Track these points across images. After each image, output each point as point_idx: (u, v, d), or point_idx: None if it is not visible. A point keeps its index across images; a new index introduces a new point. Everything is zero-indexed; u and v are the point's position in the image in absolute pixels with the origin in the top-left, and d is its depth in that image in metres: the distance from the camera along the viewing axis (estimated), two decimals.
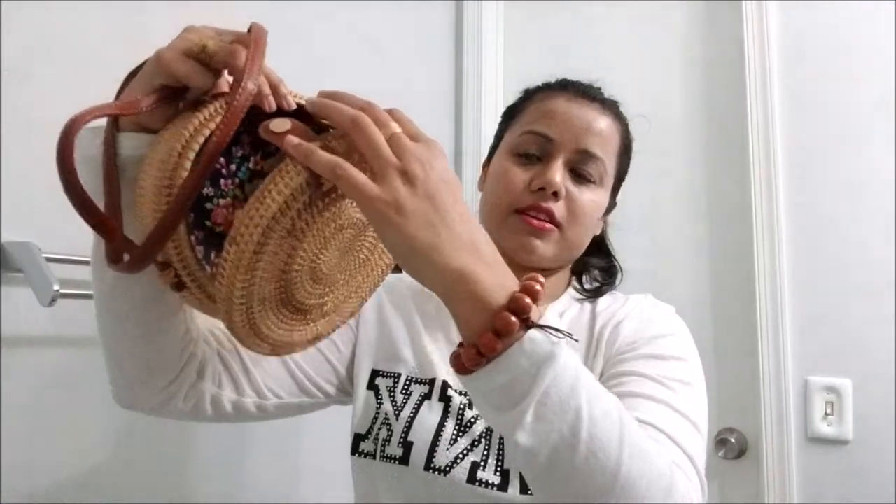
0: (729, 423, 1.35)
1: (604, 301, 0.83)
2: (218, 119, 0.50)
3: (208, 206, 0.53)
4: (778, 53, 1.38)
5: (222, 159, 0.53)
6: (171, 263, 0.52)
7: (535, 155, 0.78)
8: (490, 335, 0.45)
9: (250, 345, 0.53)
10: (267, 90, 0.54)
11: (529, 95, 0.86)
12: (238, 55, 0.51)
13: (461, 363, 0.48)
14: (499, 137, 0.87)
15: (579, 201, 0.77)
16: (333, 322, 0.60)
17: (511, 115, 0.86)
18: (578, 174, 0.78)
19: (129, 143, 0.55)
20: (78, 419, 0.86)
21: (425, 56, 1.57)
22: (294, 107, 0.55)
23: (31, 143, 0.82)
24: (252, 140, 0.55)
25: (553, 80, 0.86)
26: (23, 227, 0.80)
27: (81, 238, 0.88)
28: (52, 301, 0.75)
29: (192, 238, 0.52)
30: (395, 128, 0.49)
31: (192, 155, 0.50)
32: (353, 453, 0.77)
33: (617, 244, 0.93)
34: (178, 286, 0.53)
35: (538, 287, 0.47)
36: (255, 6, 1.11)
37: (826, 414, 1.27)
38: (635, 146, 0.88)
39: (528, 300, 0.46)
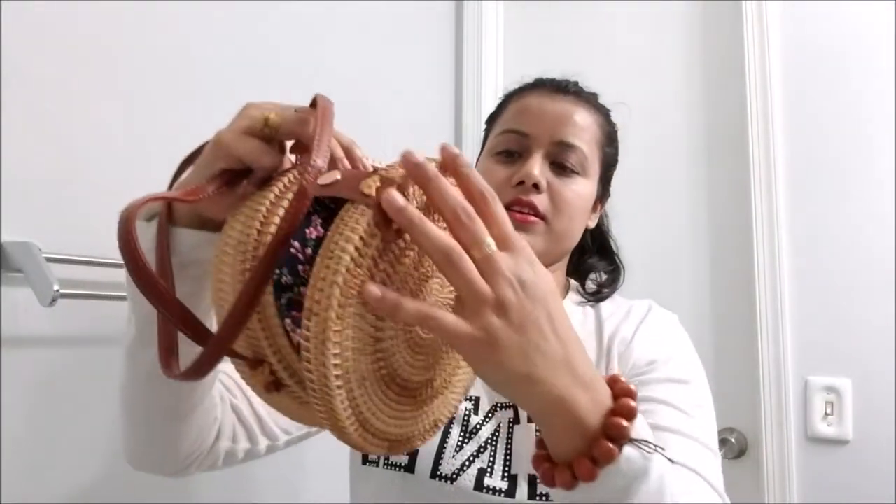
0: (729, 423, 1.35)
1: (607, 307, 0.82)
2: (290, 196, 0.45)
3: (290, 295, 0.46)
4: (778, 53, 1.38)
5: (296, 244, 0.45)
6: (266, 359, 0.44)
7: (515, 152, 0.79)
8: (588, 463, 0.44)
9: (365, 445, 0.44)
10: (340, 153, 0.51)
11: (506, 98, 0.87)
12: (306, 123, 0.48)
13: (551, 479, 0.47)
14: (483, 144, 0.88)
15: (562, 192, 0.77)
16: (449, 402, 0.51)
17: (492, 120, 0.87)
18: (559, 165, 0.78)
19: (189, 240, 0.52)
20: (78, 419, 0.86)
21: (425, 56, 1.57)
22: (370, 170, 0.47)
23: (31, 143, 0.82)
24: (325, 218, 0.47)
25: (528, 80, 0.86)
26: (23, 227, 0.80)
27: (81, 238, 0.88)
28: (52, 301, 0.75)
29: (286, 323, 0.44)
30: (489, 245, 0.42)
31: (268, 239, 0.45)
32: (363, 463, 0.77)
33: (616, 243, 0.93)
34: (276, 385, 0.45)
35: (633, 404, 0.46)
36: (255, 6, 1.11)
37: (826, 414, 1.27)
38: (635, 146, 0.88)
39: (625, 424, 0.45)
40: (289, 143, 0.52)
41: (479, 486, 0.70)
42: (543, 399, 0.44)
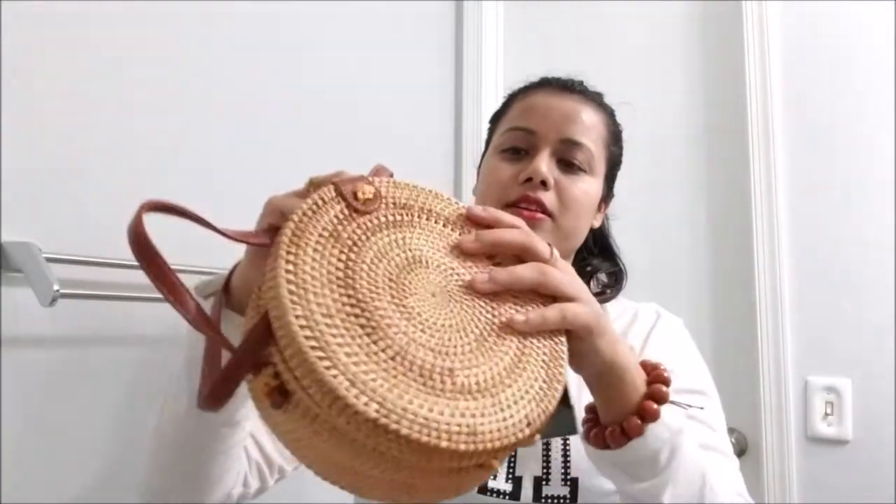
0: (729, 423, 1.33)
1: (612, 309, 0.82)
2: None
3: None
4: (778, 53, 1.38)
5: None
6: (269, 360, 0.42)
7: (522, 149, 0.79)
8: (635, 420, 0.52)
9: (389, 423, 0.38)
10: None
11: (511, 97, 0.87)
12: (343, 173, 0.50)
13: (602, 440, 0.54)
14: (487, 143, 0.88)
15: (569, 190, 0.77)
16: (491, 413, 0.41)
17: (496, 119, 0.87)
18: (566, 163, 0.78)
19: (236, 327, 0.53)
20: (78, 419, 0.86)
21: (425, 56, 1.57)
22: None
23: (31, 143, 0.82)
24: None
25: (534, 79, 0.87)
26: (23, 227, 0.80)
27: (81, 238, 0.88)
28: (53, 301, 0.75)
29: None
30: (552, 253, 0.52)
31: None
32: None
33: (616, 243, 0.93)
34: (281, 393, 0.41)
35: (667, 374, 0.55)
36: (256, 6, 1.11)
37: (826, 414, 1.27)
38: (635, 145, 0.88)
39: (665, 389, 0.54)
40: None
41: (483, 488, 0.70)
42: (616, 370, 0.52)
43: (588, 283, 0.87)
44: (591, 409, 0.58)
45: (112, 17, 0.91)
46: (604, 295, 0.84)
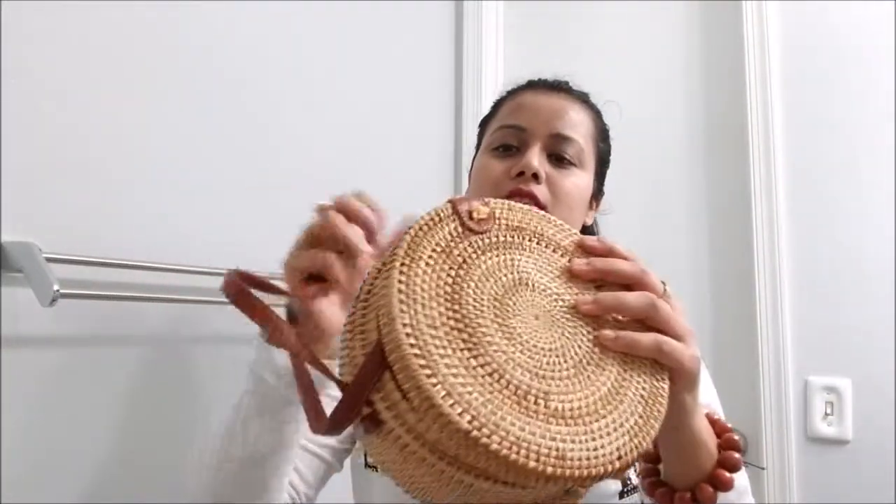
0: (729, 423, 1.35)
1: None
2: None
3: None
4: (778, 53, 1.38)
5: None
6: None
7: (512, 146, 0.80)
8: (709, 489, 0.52)
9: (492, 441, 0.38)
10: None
11: (499, 101, 0.88)
12: (347, 199, 0.55)
13: (669, 501, 0.54)
14: (477, 148, 0.89)
15: (561, 183, 0.78)
16: (589, 447, 0.41)
17: (485, 123, 0.88)
18: (557, 157, 0.79)
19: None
20: (78, 419, 0.86)
21: (425, 56, 1.57)
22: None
23: (32, 143, 0.82)
24: None
25: (521, 82, 0.88)
26: (23, 227, 0.80)
27: (81, 238, 0.88)
28: (53, 301, 0.75)
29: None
30: (661, 288, 0.50)
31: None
32: (365, 465, 0.77)
33: (616, 243, 0.93)
34: (373, 421, 0.41)
35: (737, 437, 0.56)
36: (256, 6, 1.11)
37: (826, 414, 1.27)
38: (635, 146, 0.88)
39: (737, 456, 0.54)
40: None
41: None
42: (694, 432, 0.52)
43: None
44: (651, 460, 0.57)
45: (112, 17, 0.91)
46: None
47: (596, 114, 0.86)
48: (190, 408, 1.00)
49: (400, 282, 0.42)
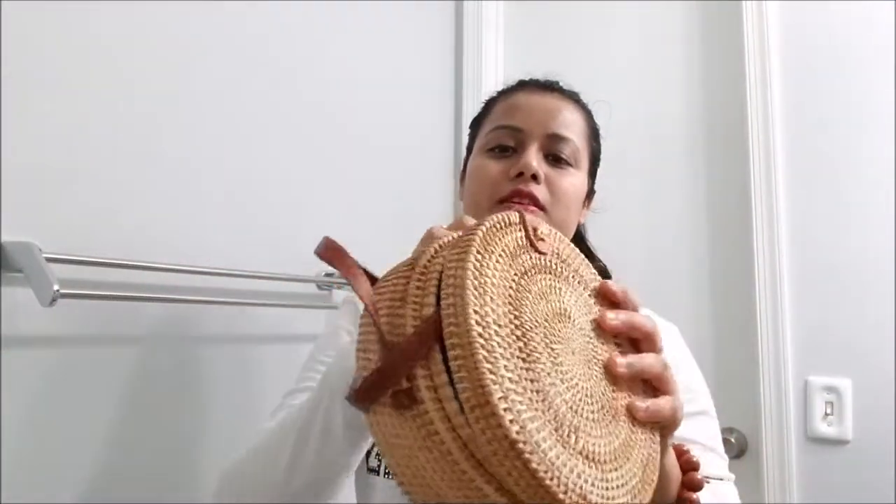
0: (729, 423, 1.35)
1: None
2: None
3: None
4: (778, 53, 1.38)
5: None
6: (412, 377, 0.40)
7: (509, 146, 0.80)
8: None
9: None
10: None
11: (491, 101, 0.88)
12: (462, 223, 0.53)
13: None
14: (469, 149, 0.88)
15: (558, 183, 0.78)
16: (605, 495, 0.42)
17: (477, 123, 0.88)
18: (554, 157, 0.79)
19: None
20: (78, 419, 0.86)
21: (425, 56, 1.57)
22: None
23: (32, 144, 0.82)
24: None
25: (511, 83, 0.88)
26: (23, 227, 0.80)
27: (81, 238, 0.88)
28: (52, 301, 0.75)
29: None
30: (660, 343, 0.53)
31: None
32: (367, 471, 0.77)
33: (617, 244, 0.93)
34: (409, 397, 0.40)
35: (695, 458, 0.58)
36: (256, 6, 1.11)
37: (826, 414, 1.27)
38: (635, 145, 0.88)
39: (698, 476, 0.56)
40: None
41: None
42: (668, 465, 0.54)
43: None
44: None
45: (112, 18, 0.91)
46: None
47: (587, 113, 0.87)
48: (190, 407, 1.00)
49: (474, 268, 0.41)
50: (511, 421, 0.37)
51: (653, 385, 0.50)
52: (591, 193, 0.88)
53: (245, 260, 1.05)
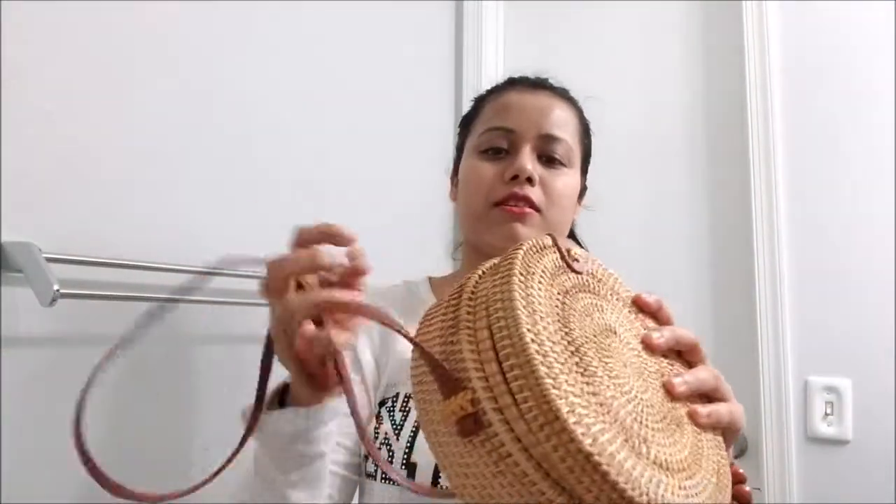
0: None
1: None
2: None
3: None
4: (778, 53, 1.38)
5: None
6: (468, 385, 0.39)
7: (502, 148, 0.79)
8: None
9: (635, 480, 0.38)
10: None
11: (481, 100, 0.87)
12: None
13: None
14: (460, 148, 0.88)
15: (554, 184, 0.78)
16: (685, 502, 0.41)
17: (467, 123, 0.87)
18: (547, 158, 0.79)
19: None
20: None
21: (425, 56, 1.57)
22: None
23: (31, 143, 0.82)
24: None
25: (500, 81, 0.88)
26: (23, 227, 0.80)
27: (81, 238, 0.88)
28: (53, 301, 0.74)
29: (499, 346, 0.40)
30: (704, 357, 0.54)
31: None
32: (365, 476, 0.77)
33: (617, 244, 0.93)
34: (476, 422, 0.39)
35: (741, 471, 0.59)
36: (256, 6, 1.11)
37: (826, 414, 1.27)
38: (635, 145, 0.88)
39: (747, 489, 0.58)
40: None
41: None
42: None
43: None
44: None
45: (112, 18, 0.91)
46: None
47: (578, 110, 0.86)
48: (189, 407, 1.00)
49: (520, 289, 0.41)
50: (583, 434, 0.36)
51: (707, 395, 0.51)
52: (583, 190, 0.88)
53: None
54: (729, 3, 1.43)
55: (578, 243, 0.92)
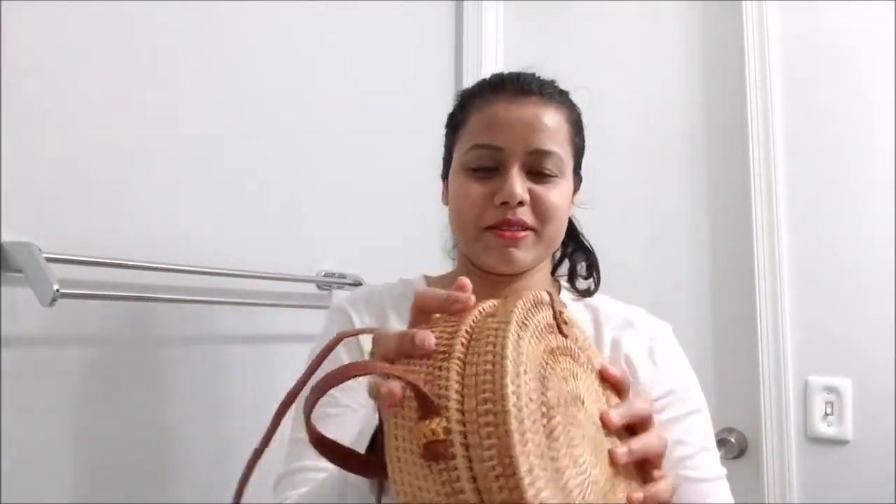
0: (729, 423, 1.35)
1: (603, 307, 0.82)
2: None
3: None
4: (778, 53, 1.38)
5: None
6: (444, 413, 0.41)
7: (490, 167, 0.76)
8: None
9: None
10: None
11: (467, 102, 0.84)
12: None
13: None
14: (448, 148, 0.85)
15: (545, 199, 0.75)
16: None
17: (454, 125, 0.85)
18: (538, 173, 0.76)
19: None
20: (78, 419, 0.86)
21: (425, 56, 1.57)
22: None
23: (32, 143, 0.82)
24: None
25: (486, 78, 0.84)
26: (23, 227, 0.80)
27: (81, 238, 0.88)
28: (52, 301, 0.75)
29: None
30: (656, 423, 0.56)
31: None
32: None
33: (617, 244, 0.92)
34: (442, 450, 0.40)
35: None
36: (257, 6, 1.11)
37: (826, 414, 1.27)
38: (635, 145, 0.87)
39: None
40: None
41: None
42: None
43: (572, 279, 0.87)
44: None
45: (113, 17, 0.91)
46: (589, 291, 0.84)
47: (568, 108, 0.82)
48: (190, 407, 1.00)
49: (514, 341, 0.42)
50: (532, 496, 0.38)
51: (651, 462, 0.52)
52: (577, 185, 0.85)
53: (246, 260, 1.05)
54: (729, 3, 1.43)
55: (584, 244, 0.91)
